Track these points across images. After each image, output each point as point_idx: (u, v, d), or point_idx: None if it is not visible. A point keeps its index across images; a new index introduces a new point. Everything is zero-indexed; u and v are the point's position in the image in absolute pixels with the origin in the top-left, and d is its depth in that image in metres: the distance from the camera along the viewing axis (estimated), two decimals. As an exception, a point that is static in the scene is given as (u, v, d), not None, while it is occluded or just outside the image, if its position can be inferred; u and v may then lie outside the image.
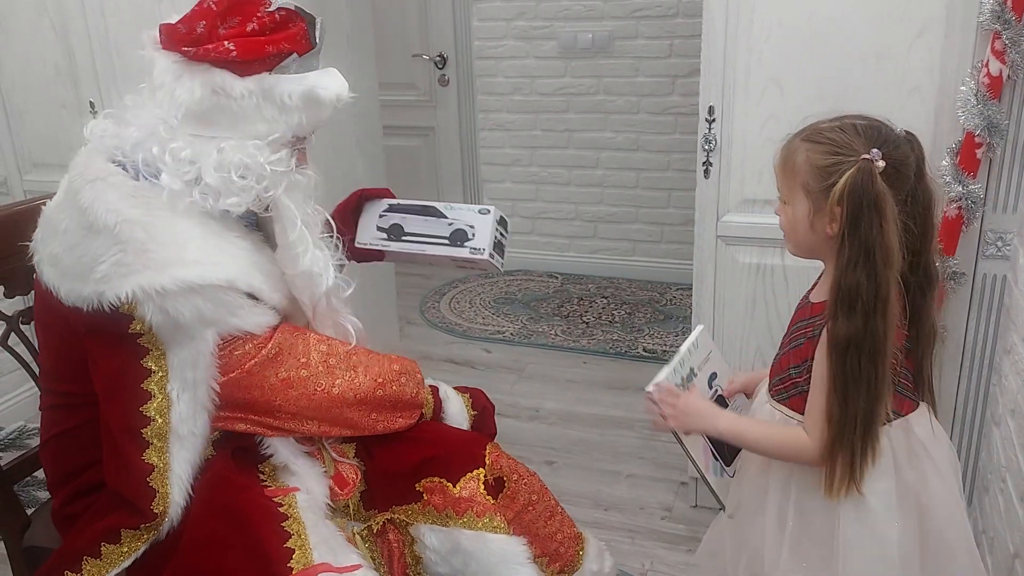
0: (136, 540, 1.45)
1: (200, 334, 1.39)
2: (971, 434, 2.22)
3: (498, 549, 1.57)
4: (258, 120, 1.41)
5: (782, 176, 1.45)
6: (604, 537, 2.49)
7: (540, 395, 3.38)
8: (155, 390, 1.40)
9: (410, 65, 4.58)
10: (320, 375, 1.52)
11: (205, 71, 1.38)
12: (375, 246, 1.82)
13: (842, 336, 1.35)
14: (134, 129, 1.42)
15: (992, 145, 1.96)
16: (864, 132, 1.36)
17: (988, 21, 1.88)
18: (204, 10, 1.40)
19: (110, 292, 1.32)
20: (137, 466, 1.41)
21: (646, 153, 4.33)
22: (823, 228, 1.39)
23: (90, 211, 1.35)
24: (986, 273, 2.09)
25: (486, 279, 4.59)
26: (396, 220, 1.81)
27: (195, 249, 1.38)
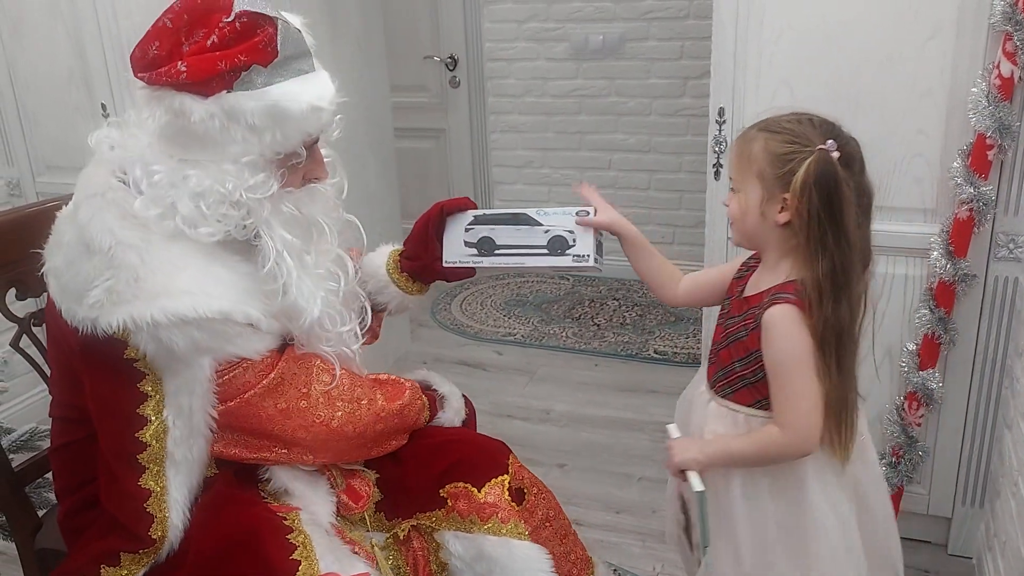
0: (135, 564, 1.43)
1: (196, 362, 1.34)
2: (983, 438, 2.21)
3: (522, 556, 1.56)
4: (229, 142, 1.32)
5: (737, 164, 1.48)
6: (615, 540, 2.50)
7: (551, 397, 3.38)
8: (151, 415, 1.36)
9: (421, 67, 4.59)
10: (320, 406, 1.47)
11: (168, 95, 1.30)
12: (466, 263, 1.68)
13: (831, 321, 1.39)
14: (131, 143, 1.38)
15: (1003, 147, 1.95)
16: (819, 125, 1.43)
17: (999, 23, 1.87)
18: (158, 30, 1.32)
19: (102, 320, 1.28)
20: (133, 492, 1.38)
21: (658, 155, 4.32)
22: (773, 216, 1.43)
23: (87, 229, 1.31)
24: (998, 275, 2.07)
25: (497, 280, 4.60)
26: (485, 233, 1.67)
27: (188, 279, 1.32)
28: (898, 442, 2.21)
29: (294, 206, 1.41)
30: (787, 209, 1.41)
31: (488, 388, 3.42)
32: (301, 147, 1.38)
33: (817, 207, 1.37)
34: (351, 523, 1.59)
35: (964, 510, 2.29)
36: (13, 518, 1.70)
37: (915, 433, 2.21)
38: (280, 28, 1.32)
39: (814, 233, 1.39)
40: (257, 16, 1.30)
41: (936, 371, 2.14)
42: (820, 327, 1.39)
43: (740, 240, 1.53)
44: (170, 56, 1.29)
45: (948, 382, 2.17)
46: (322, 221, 1.46)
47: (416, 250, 1.69)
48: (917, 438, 2.21)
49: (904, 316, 2.17)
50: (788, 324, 1.41)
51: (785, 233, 1.44)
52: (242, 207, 1.34)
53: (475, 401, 1.88)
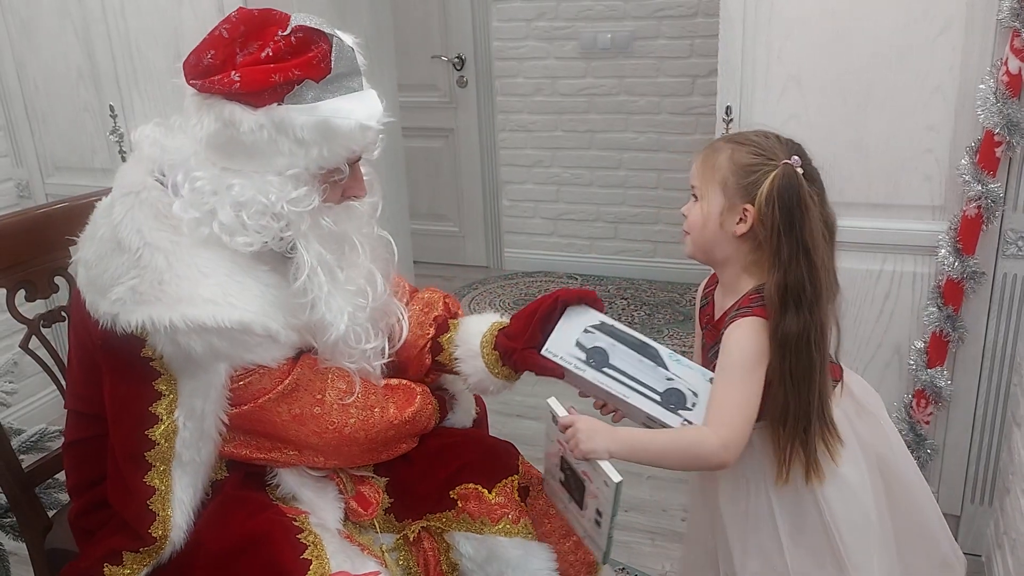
0: (138, 563, 1.43)
1: (212, 367, 1.34)
2: (991, 435, 2.20)
3: (536, 555, 1.56)
4: (275, 154, 1.32)
5: (701, 172, 1.48)
6: (625, 539, 2.50)
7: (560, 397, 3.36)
8: (163, 414, 1.37)
9: (430, 66, 4.60)
10: (334, 412, 1.47)
11: (218, 103, 1.31)
12: (566, 365, 1.52)
13: (793, 332, 1.38)
14: (174, 147, 1.38)
15: (1012, 144, 1.94)
16: (785, 143, 1.44)
17: (1007, 19, 1.87)
18: (214, 39, 1.33)
19: (123, 318, 1.29)
20: (138, 489, 1.39)
21: (668, 154, 4.32)
22: (731, 226, 1.43)
23: (119, 227, 1.32)
24: (1006, 273, 2.07)
25: (506, 280, 4.60)
26: (603, 344, 1.53)
27: (213, 286, 1.32)
28: (906, 440, 2.20)
29: (332, 221, 1.41)
30: (745, 220, 1.41)
31: (497, 387, 3.41)
32: (345, 164, 1.39)
33: (778, 219, 1.37)
34: (361, 528, 1.58)
35: (973, 508, 2.28)
36: (23, 519, 1.72)
37: (923, 431, 2.20)
38: (335, 45, 1.33)
39: (772, 245, 1.39)
40: (312, 32, 1.32)
41: (944, 369, 2.13)
42: (777, 335, 1.39)
43: (694, 251, 1.52)
44: (224, 65, 1.31)
45: (956, 380, 2.16)
46: (355, 238, 1.47)
47: (518, 330, 1.61)
48: (926, 436, 2.21)
49: (912, 314, 2.16)
50: (746, 330, 1.41)
51: (744, 246, 1.45)
52: (282, 219, 1.35)
53: (485, 400, 1.88)
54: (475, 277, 4.67)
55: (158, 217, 1.33)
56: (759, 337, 1.40)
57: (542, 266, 4.71)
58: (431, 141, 4.70)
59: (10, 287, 1.73)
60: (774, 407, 1.42)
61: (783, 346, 1.39)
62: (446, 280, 4.62)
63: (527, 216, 4.71)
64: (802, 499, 1.48)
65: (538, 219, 4.68)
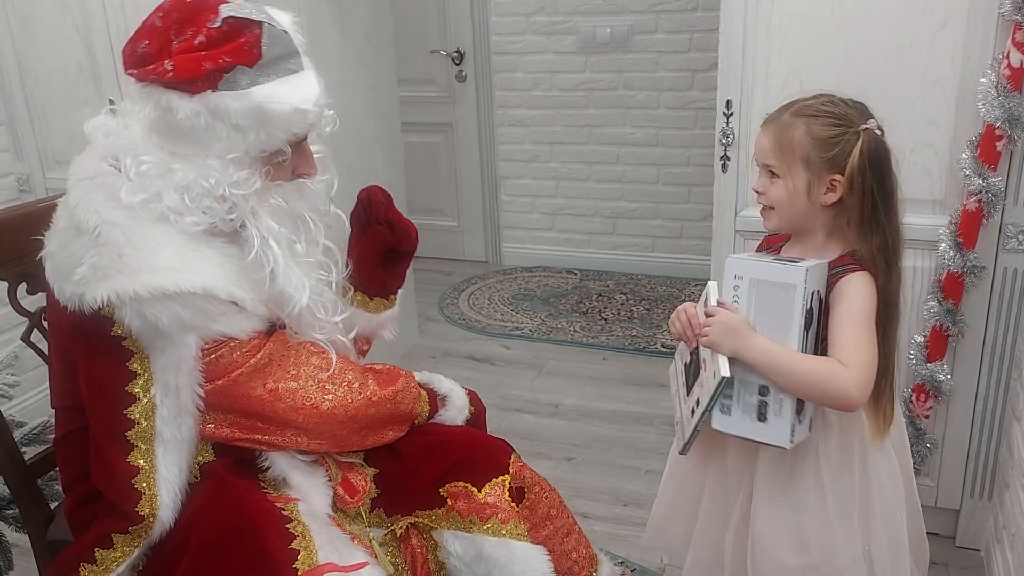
0: (128, 544, 1.44)
1: (181, 339, 1.35)
2: (991, 430, 2.20)
3: (522, 557, 1.56)
4: (213, 139, 1.35)
5: (777, 151, 1.48)
6: (623, 532, 2.50)
7: (559, 391, 3.39)
8: (140, 393, 1.38)
9: (428, 61, 4.59)
10: (310, 388, 1.48)
11: (156, 91, 1.34)
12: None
13: (893, 288, 1.47)
14: (125, 134, 1.41)
15: (1013, 138, 1.94)
16: (854, 105, 1.48)
17: (1009, 12, 1.87)
18: (148, 28, 1.36)
19: (88, 295, 1.31)
20: (122, 468, 1.40)
21: (666, 148, 4.32)
22: (819, 198, 1.47)
23: (76, 211, 1.35)
24: (1007, 267, 2.07)
25: (504, 275, 4.60)
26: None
27: (171, 255, 1.33)
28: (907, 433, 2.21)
29: (282, 199, 1.44)
30: (835, 190, 1.45)
31: (496, 382, 3.42)
32: (286, 145, 1.40)
33: (872, 184, 1.43)
34: (349, 518, 1.58)
35: (972, 502, 2.29)
36: (26, 510, 1.72)
37: (923, 425, 2.20)
38: (265, 30, 1.34)
39: (867, 210, 1.44)
40: (241, 19, 1.34)
41: (944, 363, 2.14)
42: (883, 294, 1.46)
43: (781, 225, 1.55)
44: (159, 54, 1.33)
45: (956, 374, 2.16)
46: (308, 216, 1.48)
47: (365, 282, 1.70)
48: (925, 430, 2.21)
49: (912, 308, 2.16)
50: (863, 282, 1.45)
51: (830, 212, 1.48)
52: (226, 202, 1.37)
53: (483, 395, 1.88)
54: (474, 272, 4.67)
55: (113, 198, 1.35)
56: (873, 290, 1.45)
57: (541, 261, 4.71)
58: (430, 136, 4.70)
59: (12, 280, 1.73)
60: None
61: (885, 302, 1.46)
62: (445, 275, 4.62)
63: (525, 211, 4.71)
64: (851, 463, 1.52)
65: (536, 214, 4.68)
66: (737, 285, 1.47)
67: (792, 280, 1.41)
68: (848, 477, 1.52)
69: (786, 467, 1.53)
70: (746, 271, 1.46)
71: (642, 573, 2.33)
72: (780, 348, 1.43)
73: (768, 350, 1.42)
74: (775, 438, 1.45)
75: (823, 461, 1.52)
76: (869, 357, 1.42)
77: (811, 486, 1.52)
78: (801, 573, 1.54)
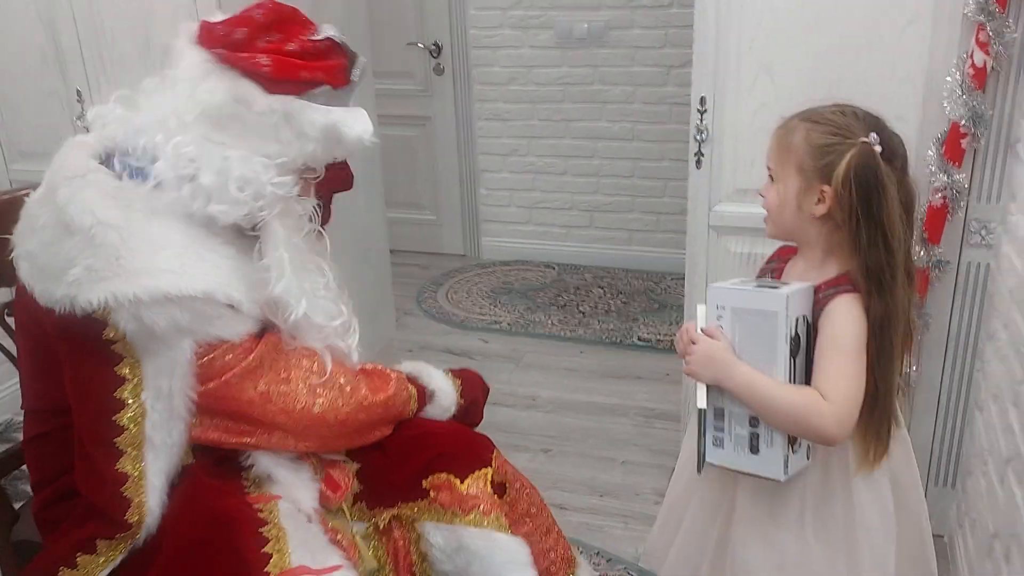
0: (112, 550, 1.42)
1: (176, 343, 1.35)
2: (955, 419, 2.25)
3: (503, 548, 1.57)
4: (272, 139, 1.39)
5: (777, 154, 1.46)
6: (599, 523, 2.54)
7: (537, 384, 3.42)
8: (129, 398, 1.36)
9: (405, 54, 4.60)
10: (301, 392, 1.48)
11: (233, 77, 1.37)
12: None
13: (879, 315, 1.37)
14: (144, 114, 1.40)
15: (976, 135, 1.98)
16: (864, 118, 1.41)
17: (973, 12, 1.90)
18: (247, 17, 1.40)
19: (82, 297, 1.29)
20: (110, 475, 1.38)
21: (642, 143, 4.35)
22: (810, 208, 1.41)
23: (66, 210, 1.32)
24: (970, 261, 2.12)
25: (483, 269, 4.62)
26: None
27: (170, 256, 1.34)
28: (874, 424, 2.26)
29: (304, 211, 1.49)
30: (824, 201, 1.39)
31: (474, 375, 3.44)
32: (323, 167, 1.49)
33: (855, 202, 1.35)
34: (331, 513, 1.58)
35: (937, 490, 2.34)
36: (-11, 511, 1.68)
37: (890, 416, 2.25)
38: (358, 62, 1.46)
39: (851, 228, 1.37)
40: (339, 44, 1.43)
41: (910, 355, 2.18)
42: (872, 319, 1.38)
43: (775, 232, 1.51)
44: (250, 45, 1.37)
45: (922, 365, 2.21)
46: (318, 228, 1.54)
47: None
48: (892, 421, 2.26)
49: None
50: (850, 308, 1.39)
51: (824, 227, 1.42)
52: (261, 199, 1.39)
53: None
54: (452, 266, 4.69)
55: (107, 196, 1.34)
56: (861, 315, 1.38)
57: (519, 254, 4.74)
58: (407, 129, 4.70)
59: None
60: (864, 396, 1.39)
61: (872, 328, 1.38)
62: (423, 269, 4.64)
63: (503, 205, 4.73)
64: (833, 497, 1.46)
65: (514, 208, 4.71)
66: (720, 315, 1.44)
67: (773, 307, 1.37)
68: (829, 509, 1.47)
69: (768, 492, 1.48)
70: (727, 300, 1.43)
71: (617, 563, 2.37)
72: (761, 378, 1.38)
73: (748, 380, 1.38)
74: (769, 471, 1.41)
75: (807, 490, 1.47)
76: (852, 388, 1.36)
77: (793, 515, 1.48)
78: None
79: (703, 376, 1.42)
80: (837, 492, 1.46)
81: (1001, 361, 1.89)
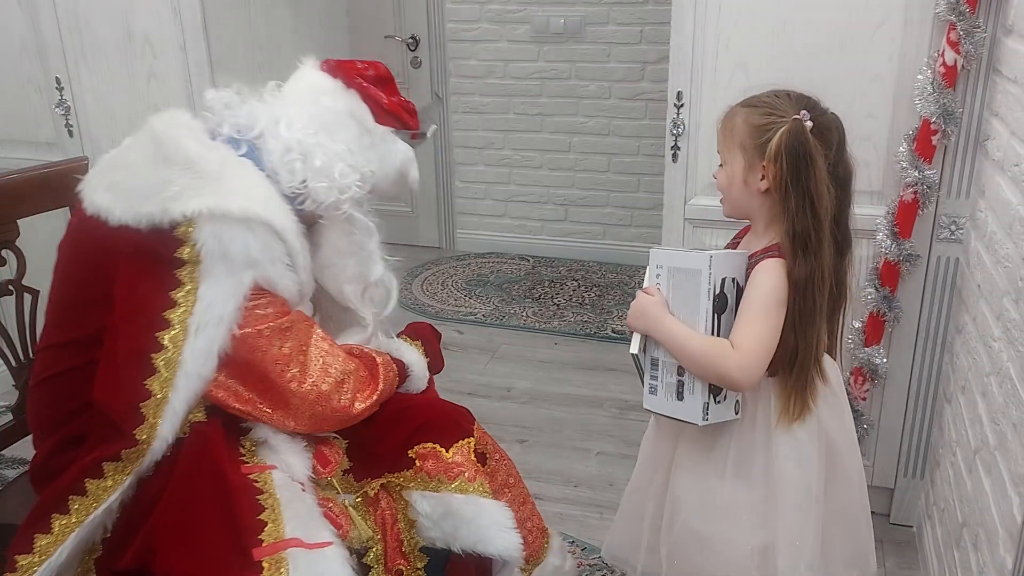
0: (120, 472, 1.45)
1: (240, 272, 1.46)
2: (924, 411, 2.30)
3: (488, 512, 1.62)
4: (363, 155, 1.63)
5: (723, 139, 1.59)
6: (573, 512, 2.56)
7: (512, 375, 3.44)
8: (175, 320, 1.44)
9: (383, 46, 4.59)
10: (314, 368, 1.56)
11: (354, 99, 1.65)
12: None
13: (802, 276, 1.49)
14: (260, 107, 1.61)
15: (947, 132, 2.02)
16: (795, 98, 1.53)
17: (944, 12, 1.95)
18: (374, 64, 1.73)
19: (177, 208, 1.41)
20: (135, 388, 1.43)
21: (617, 138, 4.38)
22: (755, 184, 1.53)
23: (168, 145, 1.48)
24: (940, 256, 2.16)
25: (458, 260, 4.63)
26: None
27: (263, 192, 1.51)
28: (845, 416, 2.30)
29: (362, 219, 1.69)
30: (767, 177, 1.51)
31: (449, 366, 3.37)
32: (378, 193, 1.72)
33: (785, 172, 1.47)
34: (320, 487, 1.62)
35: (906, 481, 2.39)
36: (-31, 494, 1.68)
37: (860, 407, 2.29)
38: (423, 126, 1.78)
39: (781, 195, 1.49)
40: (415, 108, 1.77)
41: (881, 347, 2.22)
42: (791, 279, 1.49)
43: (729, 211, 1.63)
44: (373, 84, 1.69)
45: (892, 358, 2.25)
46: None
47: None
48: (862, 412, 2.30)
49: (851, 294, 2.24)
50: (770, 270, 1.51)
51: (768, 200, 1.54)
52: (347, 192, 1.60)
53: (436, 379, 1.93)
54: (427, 258, 4.70)
55: (206, 143, 1.53)
56: (782, 277, 1.50)
57: (494, 247, 4.75)
58: (383, 121, 4.68)
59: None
60: (783, 352, 1.52)
61: (795, 289, 1.49)
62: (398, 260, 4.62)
63: (479, 197, 4.74)
64: (755, 446, 1.58)
65: (490, 200, 4.72)
66: (658, 273, 1.59)
67: (697, 266, 1.52)
68: (752, 458, 1.59)
69: (706, 439, 1.62)
70: (664, 260, 1.59)
71: (591, 552, 2.39)
72: (683, 328, 1.53)
73: (672, 330, 1.54)
74: (689, 415, 1.56)
75: (733, 439, 1.60)
76: (760, 341, 1.49)
77: (720, 461, 1.61)
78: (709, 543, 1.62)
79: (637, 326, 1.59)
80: (759, 443, 1.59)
81: (969, 354, 1.93)
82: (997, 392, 1.67)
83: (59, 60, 2.77)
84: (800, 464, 1.57)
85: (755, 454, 1.59)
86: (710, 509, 1.62)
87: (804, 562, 1.58)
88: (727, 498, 1.60)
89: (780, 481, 1.57)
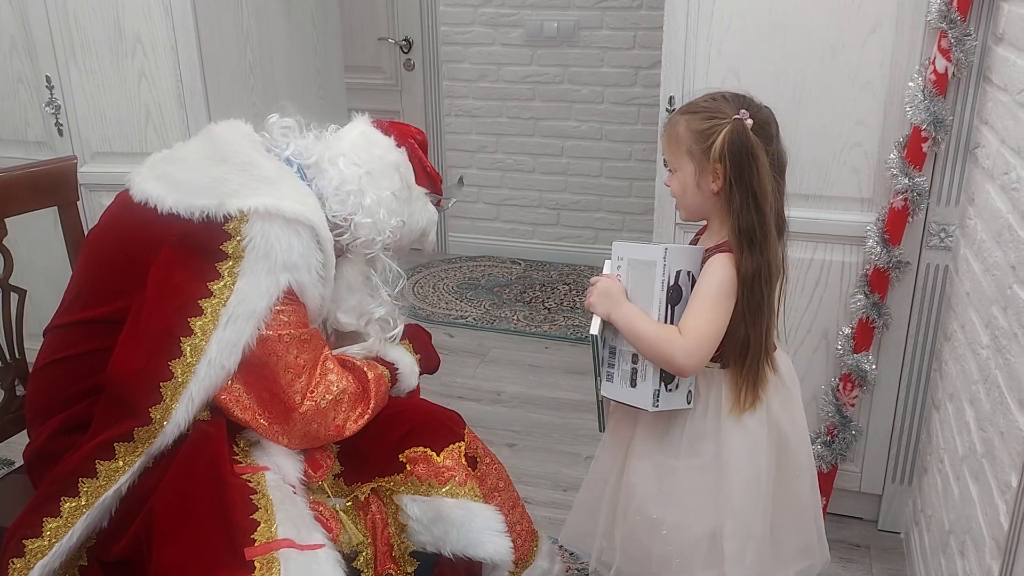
0: (131, 454, 1.46)
1: (278, 273, 1.52)
2: (912, 418, 2.30)
3: (479, 516, 1.63)
4: (395, 205, 1.73)
5: (668, 146, 1.63)
6: (562, 517, 2.53)
7: (502, 379, 3.43)
8: (208, 309, 1.48)
9: (376, 48, 4.59)
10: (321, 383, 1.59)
11: (403, 158, 1.77)
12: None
13: (749, 271, 1.55)
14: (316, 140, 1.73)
15: (937, 140, 2.03)
16: (731, 99, 1.58)
17: (935, 20, 1.95)
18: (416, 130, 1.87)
19: (233, 204, 1.50)
20: (158, 367, 1.46)
21: (609, 143, 4.38)
22: (708, 187, 1.57)
23: (226, 146, 1.59)
24: (929, 263, 2.16)
25: (449, 264, 4.63)
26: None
27: (313, 203, 1.60)
28: (832, 422, 2.30)
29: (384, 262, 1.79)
30: (718, 178, 1.55)
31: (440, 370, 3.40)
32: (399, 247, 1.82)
33: (729, 171, 1.52)
34: (311, 491, 1.63)
35: (894, 487, 2.39)
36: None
37: (849, 413, 2.29)
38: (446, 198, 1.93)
39: (727, 193, 1.54)
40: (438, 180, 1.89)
41: (870, 354, 2.23)
42: (740, 273, 1.55)
43: (687, 215, 1.67)
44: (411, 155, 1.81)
45: (881, 365, 2.26)
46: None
47: None
48: (851, 418, 2.30)
49: (840, 301, 2.25)
50: (719, 264, 1.56)
51: (720, 199, 1.58)
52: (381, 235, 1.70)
53: (426, 382, 1.94)
54: (419, 261, 4.70)
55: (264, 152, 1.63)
56: (730, 271, 1.55)
57: (485, 251, 4.75)
58: (376, 124, 4.68)
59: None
60: (734, 343, 1.58)
61: (743, 283, 1.55)
62: (389, 263, 4.62)
63: (471, 201, 4.73)
64: (707, 434, 1.63)
65: (482, 204, 4.72)
66: (619, 265, 1.66)
67: (653, 258, 1.58)
68: (702, 444, 1.63)
69: (660, 427, 1.66)
70: (624, 252, 1.66)
71: (579, 557, 2.39)
72: (639, 314, 1.59)
73: (628, 315, 1.59)
74: (640, 401, 1.61)
75: (686, 426, 1.64)
76: (706, 329, 1.54)
77: (673, 446, 1.65)
78: (660, 527, 1.64)
79: (597, 308, 1.62)
80: (710, 431, 1.63)
81: (958, 361, 1.94)
82: (985, 399, 1.67)
83: (49, 58, 2.76)
84: (750, 452, 1.62)
85: (706, 442, 1.63)
86: (663, 495, 1.65)
87: (751, 548, 1.62)
88: (678, 484, 1.64)
89: (730, 468, 1.61)
